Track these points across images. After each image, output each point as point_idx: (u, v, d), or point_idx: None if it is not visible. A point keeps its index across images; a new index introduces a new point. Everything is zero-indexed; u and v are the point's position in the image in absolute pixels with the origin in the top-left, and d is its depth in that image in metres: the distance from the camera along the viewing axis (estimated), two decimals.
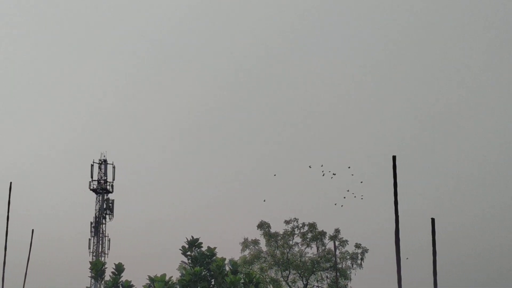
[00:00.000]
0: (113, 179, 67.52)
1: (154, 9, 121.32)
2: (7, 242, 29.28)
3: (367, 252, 65.90)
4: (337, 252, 65.47)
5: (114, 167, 67.66)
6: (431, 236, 23.54)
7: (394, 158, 23.06)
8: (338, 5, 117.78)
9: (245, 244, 66.71)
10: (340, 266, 65.07)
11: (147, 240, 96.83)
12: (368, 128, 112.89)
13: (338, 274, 63.63)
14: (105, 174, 67.52)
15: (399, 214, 22.36)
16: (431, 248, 23.42)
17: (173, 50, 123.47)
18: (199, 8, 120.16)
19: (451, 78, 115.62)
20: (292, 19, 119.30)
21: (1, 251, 29.42)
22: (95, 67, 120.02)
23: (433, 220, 23.65)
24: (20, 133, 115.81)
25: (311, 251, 66.91)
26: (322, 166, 42.83)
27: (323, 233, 66.61)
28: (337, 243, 65.98)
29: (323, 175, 41.06)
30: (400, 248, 22.14)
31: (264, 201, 61.79)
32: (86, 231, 66.48)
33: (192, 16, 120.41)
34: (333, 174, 40.75)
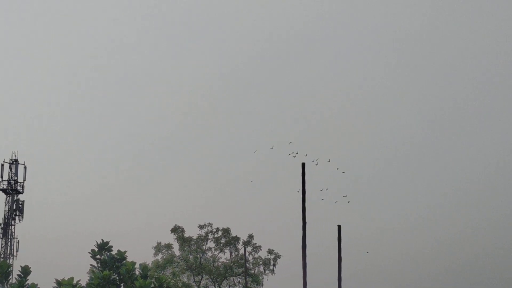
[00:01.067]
0: (24, 180, 66.06)
1: None
2: None
3: (279, 258, 66.61)
4: (250, 257, 66.00)
5: (25, 168, 66.17)
6: (337, 242, 24.14)
7: (303, 165, 23.44)
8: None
9: (158, 248, 66.29)
10: (252, 271, 65.54)
11: (58, 243, 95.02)
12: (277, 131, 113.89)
13: (249, 279, 64.13)
14: (16, 174, 65.95)
15: (307, 220, 22.78)
16: (337, 254, 24.02)
17: (86, 40, 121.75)
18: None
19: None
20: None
21: None
22: (10, 63, 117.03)
23: (339, 227, 24.25)
24: None
25: (224, 256, 67.18)
26: (290, 143, 41.86)
27: (236, 239, 66.95)
28: (250, 248, 66.50)
29: (294, 157, 39.90)
30: (307, 254, 22.56)
31: (252, 181, 60.69)
32: None
33: None
34: (316, 164, 40.18)
